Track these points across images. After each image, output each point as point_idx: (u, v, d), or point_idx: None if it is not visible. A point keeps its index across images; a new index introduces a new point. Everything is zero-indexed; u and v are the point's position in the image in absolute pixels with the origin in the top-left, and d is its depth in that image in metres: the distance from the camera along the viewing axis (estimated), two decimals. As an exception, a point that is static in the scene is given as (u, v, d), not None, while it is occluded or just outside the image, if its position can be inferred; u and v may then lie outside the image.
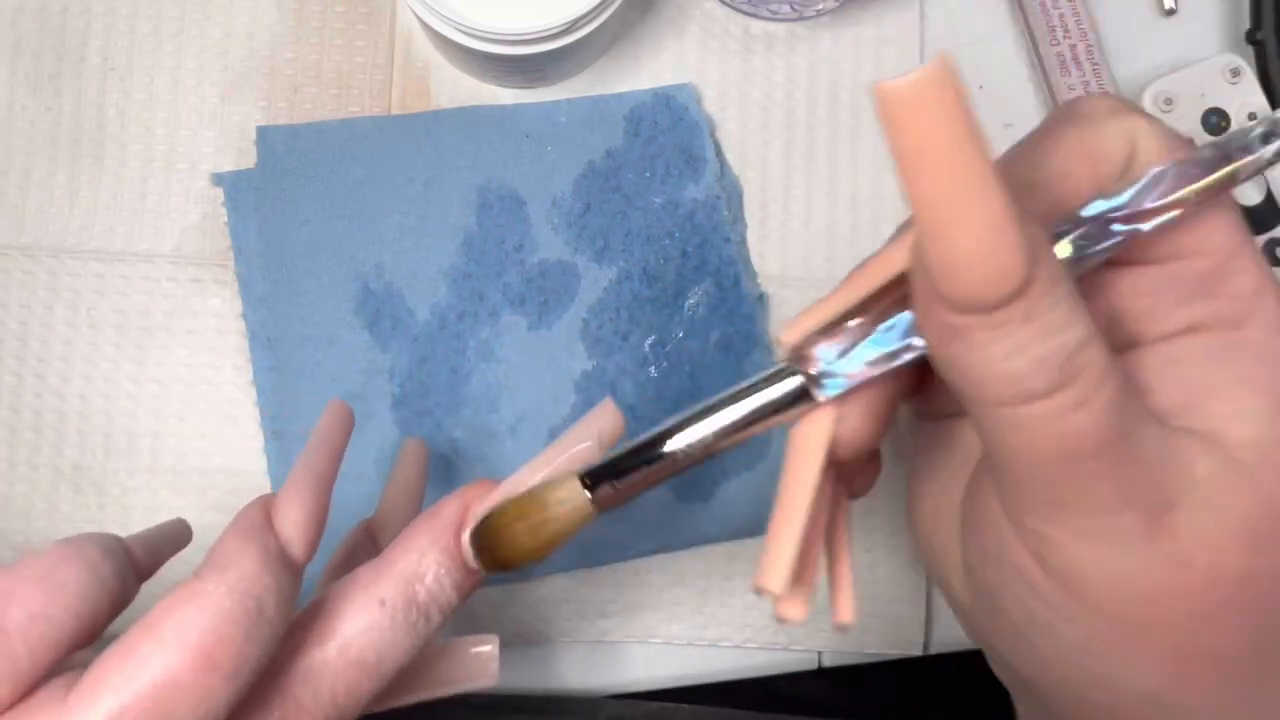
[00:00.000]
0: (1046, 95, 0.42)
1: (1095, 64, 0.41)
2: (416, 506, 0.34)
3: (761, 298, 0.41)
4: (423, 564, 0.25)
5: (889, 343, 0.23)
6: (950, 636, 0.40)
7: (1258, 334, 0.22)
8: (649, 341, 0.40)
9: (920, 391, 0.27)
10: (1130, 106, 0.23)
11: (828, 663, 0.40)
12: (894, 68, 0.42)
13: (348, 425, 0.29)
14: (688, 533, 0.39)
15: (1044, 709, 0.26)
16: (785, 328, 0.23)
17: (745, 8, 0.42)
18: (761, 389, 0.24)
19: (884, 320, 0.23)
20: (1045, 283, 0.19)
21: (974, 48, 0.43)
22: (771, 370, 0.24)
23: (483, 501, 0.26)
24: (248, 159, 0.40)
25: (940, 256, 0.19)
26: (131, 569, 0.26)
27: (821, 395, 0.23)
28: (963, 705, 0.52)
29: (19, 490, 0.39)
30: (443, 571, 0.25)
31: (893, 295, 0.22)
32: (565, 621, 0.39)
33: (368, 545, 0.33)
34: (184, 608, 0.22)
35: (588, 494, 0.25)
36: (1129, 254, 0.22)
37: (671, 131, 0.41)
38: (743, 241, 0.41)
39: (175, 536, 0.29)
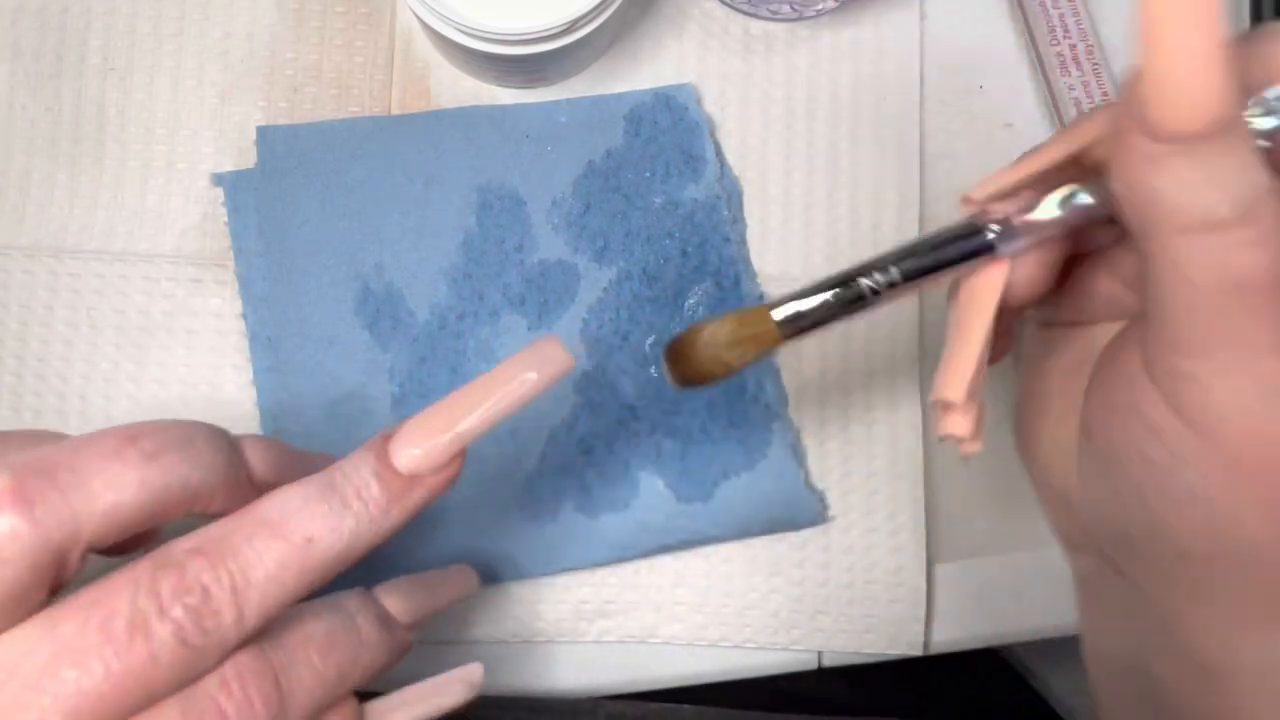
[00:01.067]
0: (1046, 95, 0.42)
1: (1095, 64, 0.41)
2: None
3: (761, 298, 0.41)
4: (347, 467, 0.27)
5: (1059, 207, 0.26)
6: (950, 636, 0.40)
7: None
8: (649, 341, 0.40)
9: (1049, 298, 0.29)
10: None
11: (828, 663, 0.40)
12: (894, 68, 0.42)
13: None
14: (688, 533, 0.39)
15: (1117, 585, 0.27)
16: (975, 187, 0.26)
17: (745, 8, 0.42)
18: (951, 240, 0.27)
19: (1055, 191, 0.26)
20: (1241, 127, 0.21)
21: (974, 48, 0.43)
22: (957, 226, 0.27)
23: (409, 419, 0.27)
24: (248, 159, 0.40)
25: (1161, 79, 0.20)
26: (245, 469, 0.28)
27: (1005, 248, 0.26)
28: (963, 705, 0.52)
29: (19, 490, 0.39)
30: (367, 472, 0.26)
31: (1066, 175, 0.26)
32: (565, 621, 0.39)
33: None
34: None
35: (774, 321, 0.28)
36: None
37: (671, 131, 0.41)
38: (743, 241, 0.41)
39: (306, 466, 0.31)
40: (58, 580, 0.25)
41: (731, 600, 0.40)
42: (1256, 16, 0.42)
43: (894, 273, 0.27)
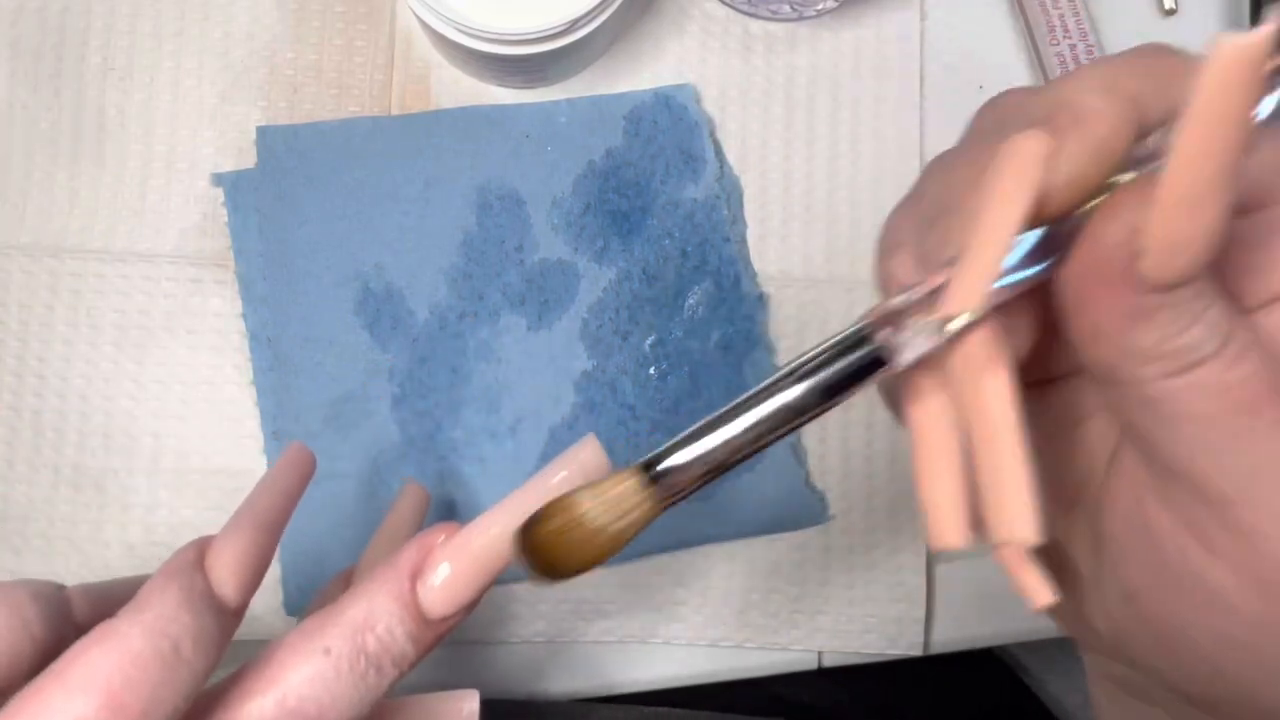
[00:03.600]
0: (1046, 95, 0.42)
1: (1095, 64, 0.41)
2: None
3: (761, 298, 0.41)
4: (373, 612, 0.24)
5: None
6: (950, 636, 0.40)
7: None
8: (649, 341, 0.40)
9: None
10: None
11: (827, 663, 0.40)
12: (894, 68, 0.42)
13: (304, 468, 0.27)
14: (688, 533, 0.39)
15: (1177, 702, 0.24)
16: (964, 298, 0.20)
17: (745, 8, 0.42)
18: (839, 355, 0.22)
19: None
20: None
21: (974, 48, 0.43)
22: (848, 334, 0.22)
23: (443, 546, 0.24)
24: (248, 159, 0.40)
25: (1180, 234, 0.18)
26: (69, 620, 0.25)
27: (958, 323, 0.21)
28: (963, 705, 0.52)
29: (19, 490, 0.39)
30: (395, 621, 0.24)
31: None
32: (565, 621, 0.39)
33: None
34: (93, 650, 0.21)
35: (650, 488, 0.23)
36: None
37: (671, 131, 0.41)
38: (743, 241, 0.41)
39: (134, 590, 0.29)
40: None
41: (731, 600, 0.40)
42: (1256, 16, 0.42)
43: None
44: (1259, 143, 0.21)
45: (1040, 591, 0.22)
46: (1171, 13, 0.43)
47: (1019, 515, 0.21)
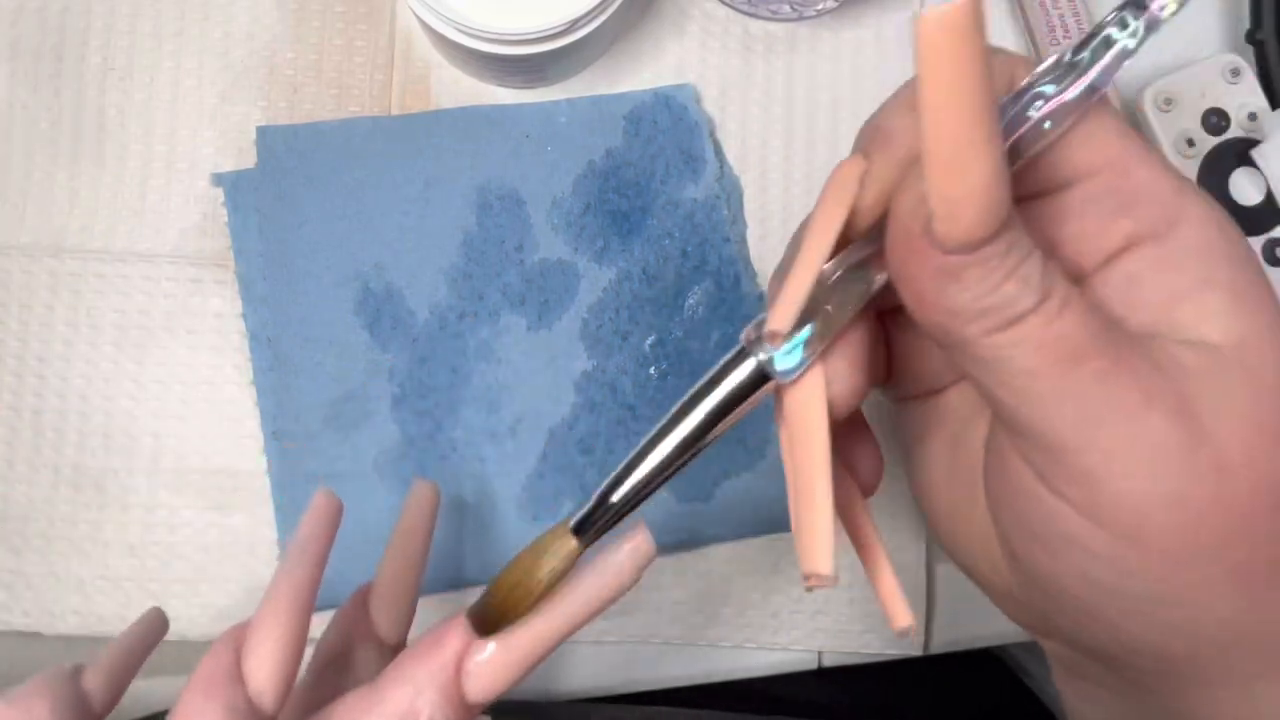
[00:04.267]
0: (1046, 95, 0.42)
1: (1095, 64, 0.41)
2: (416, 579, 0.32)
3: (761, 298, 0.41)
4: (418, 703, 0.24)
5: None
6: (950, 636, 0.40)
7: (1191, 231, 0.22)
8: (649, 341, 0.40)
9: (891, 376, 0.27)
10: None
11: (827, 663, 0.40)
12: (894, 67, 0.42)
13: (335, 519, 0.27)
14: (688, 533, 0.39)
15: (1096, 672, 0.26)
16: (777, 319, 0.23)
17: (745, 8, 0.42)
18: (724, 375, 0.24)
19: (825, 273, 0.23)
20: (1014, 214, 0.20)
21: (974, 48, 0.43)
22: (729, 357, 0.24)
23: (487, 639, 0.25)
24: (248, 159, 0.40)
25: (951, 195, 0.20)
26: (89, 715, 0.25)
27: (791, 364, 0.23)
28: (963, 705, 0.52)
29: (19, 490, 0.39)
30: (439, 713, 0.24)
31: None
32: (565, 621, 0.39)
33: (363, 624, 0.31)
34: None
35: (574, 542, 0.25)
36: (1037, 183, 0.23)
37: (671, 131, 0.41)
38: (743, 241, 0.41)
39: (144, 647, 0.28)
40: None
41: (731, 600, 0.40)
42: (1256, 16, 0.42)
43: (667, 453, 0.24)
44: (1072, 122, 0.22)
45: (899, 614, 0.24)
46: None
47: (817, 550, 0.22)
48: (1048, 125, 0.22)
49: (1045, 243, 0.23)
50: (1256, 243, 0.40)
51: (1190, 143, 0.40)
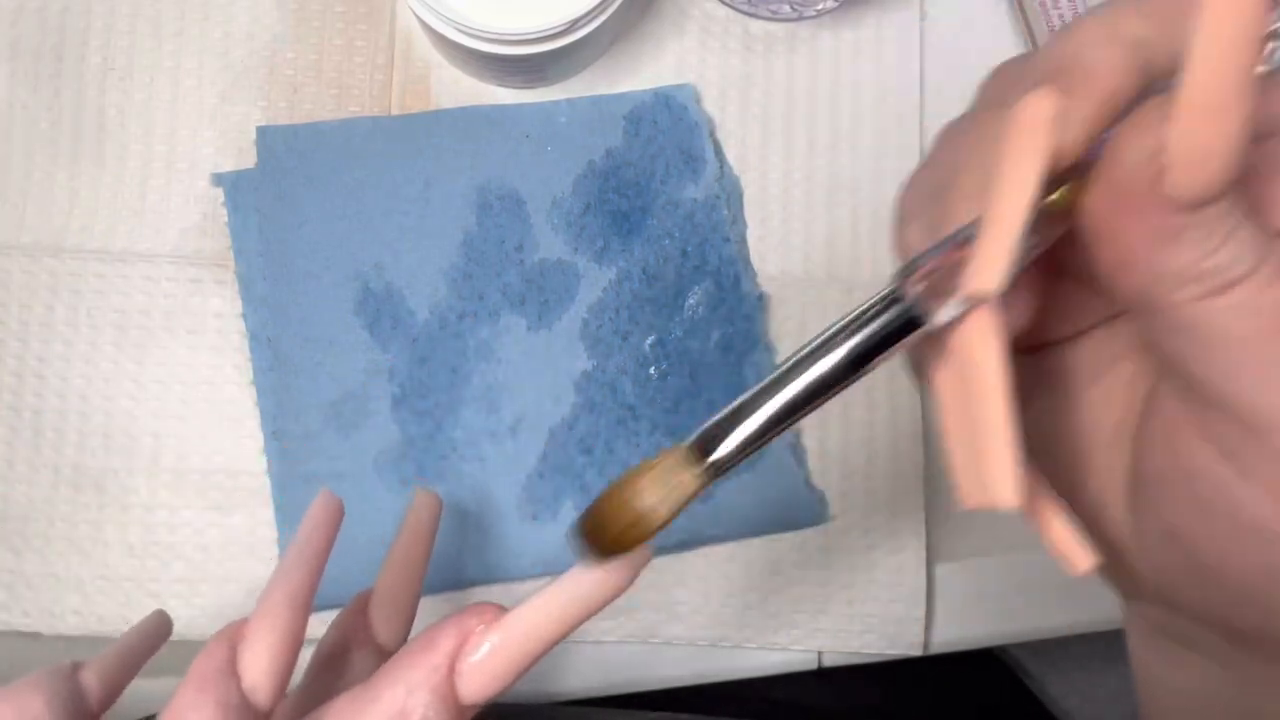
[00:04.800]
0: (1046, 95, 0.42)
1: (1095, 64, 0.41)
2: (417, 585, 0.32)
3: (761, 298, 0.41)
4: (409, 703, 0.23)
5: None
6: (950, 636, 0.40)
7: None
8: (649, 341, 0.40)
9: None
10: None
11: (827, 663, 0.40)
12: (894, 68, 0.42)
13: (335, 520, 0.27)
14: (688, 533, 0.39)
15: (1214, 640, 0.24)
16: (984, 278, 0.20)
17: (745, 8, 0.42)
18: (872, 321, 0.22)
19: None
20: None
21: (974, 48, 0.43)
22: (874, 303, 0.22)
23: (483, 633, 0.24)
24: (248, 159, 0.40)
25: (1205, 144, 0.18)
26: (86, 714, 0.25)
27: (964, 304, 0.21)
28: (963, 705, 0.52)
29: (19, 490, 0.39)
30: (431, 713, 0.23)
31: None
32: (565, 621, 0.39)
33: (361, 628, 0.31)
34: None
35: (696, 469, 0.23)
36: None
37: (671, 131, 0.41)
38: (743, 241, 0.41)
39: (146, 648, 0.28)
40: None
41: (731, 600, 0.40)
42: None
43: (837, 361, 0.22)
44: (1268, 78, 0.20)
45: (1078, 556, 0.22)
46: (1171, 13, 0.43)
47: (999, 480, 0.21)
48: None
49: (1249, 202, 0.21)
50: None
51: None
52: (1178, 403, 0.22)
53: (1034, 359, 0.25)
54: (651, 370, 0.39)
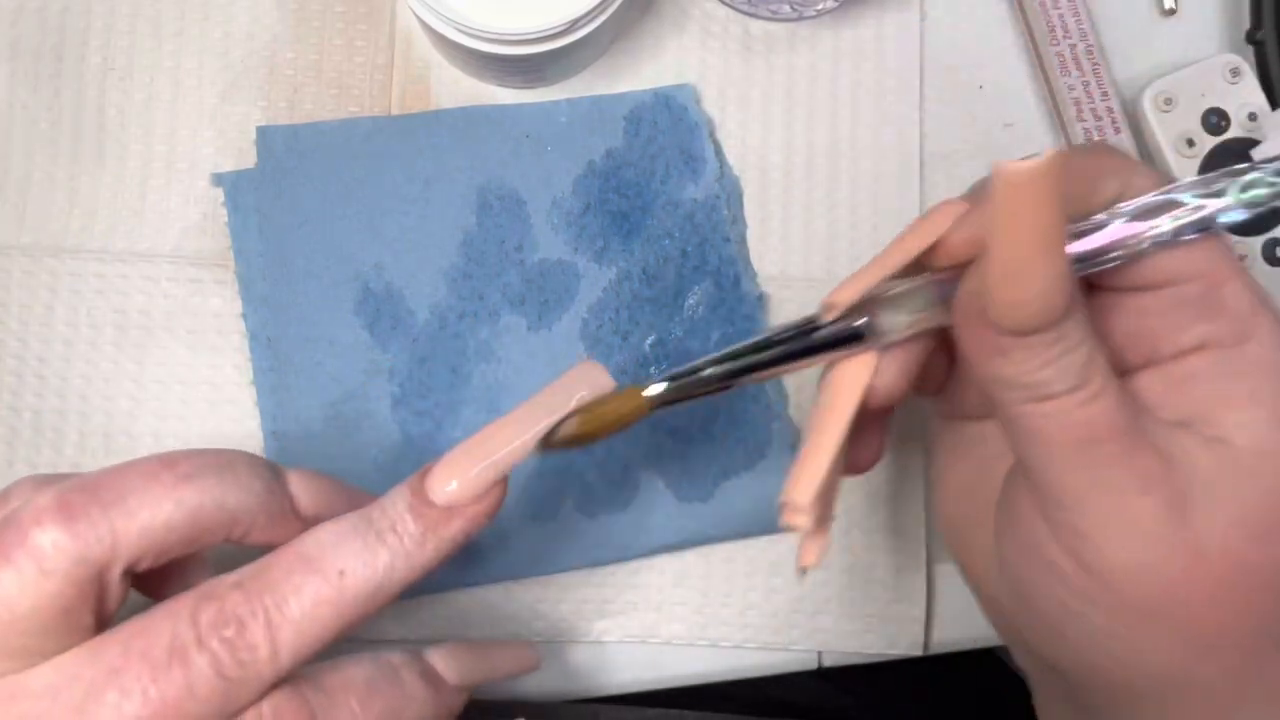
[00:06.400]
0: (1046, 95, 0.42)
1: (1095, 64, 0.41)
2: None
3: (761, 298, 0.41)
4: (382, 497, 0.27)
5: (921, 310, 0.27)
6: (950, 636, 0.40)
7: (1259, 349, 0.25)
8: (649, 341, 0.40)
9: (944, 392, 0.30)
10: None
11: (828, 663, 0.40)
12: (894, 68, 0.42)
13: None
14: (688, 533, 0.39)
15: (1062, 689, 0.29)
16: (839, 290, 0.27)
17: (745, 8, 0.42)
18: (816, 334, 0.27)
19: (911, 288, 0.27)
20: (1073, 312, 0.24)
21: (974, 48, 0.43)
22: (804, 321, 0.27)
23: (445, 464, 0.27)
24: (248, 159, 0.40)
25: (1010, 296, 0.23)
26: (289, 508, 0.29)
27: (874, 342, 0.27)
28: (963, 705, 0.52)
29: (19, 490, 0.39)
30: (396, 495, 0.27)
31: (918, 268, 0.27)
32: (565, 621, 0.39)
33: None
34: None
35: (644, 395, 0.28)
36: (1132, 280, 0.26)
37: (671, 131, 0.41)
38: (743, 241, 0.41)
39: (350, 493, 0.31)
40: (102, 604, 0.25)
41: (731, 600, 0.40)
42: (1256, 16, 0.42)
43: (762, 362, 0.27)
44: (1169, 245, 0.25)
45: (808, 555, 0.28)
46: (1171, 13, 0.43)
47: (805, 481, 0.26)
48: (1167, 238, 0.25)
49: (1127, 329, 0.26)
50: (1256, 242, 0.40)
51: (1190, 143, 0.40)
52: (1020, 472, 0.27)
53: (963, 425, 0.31)
54: (651, 370, 0.39)
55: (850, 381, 0.27)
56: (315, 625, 0.25)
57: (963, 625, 0.40)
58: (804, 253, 0.41)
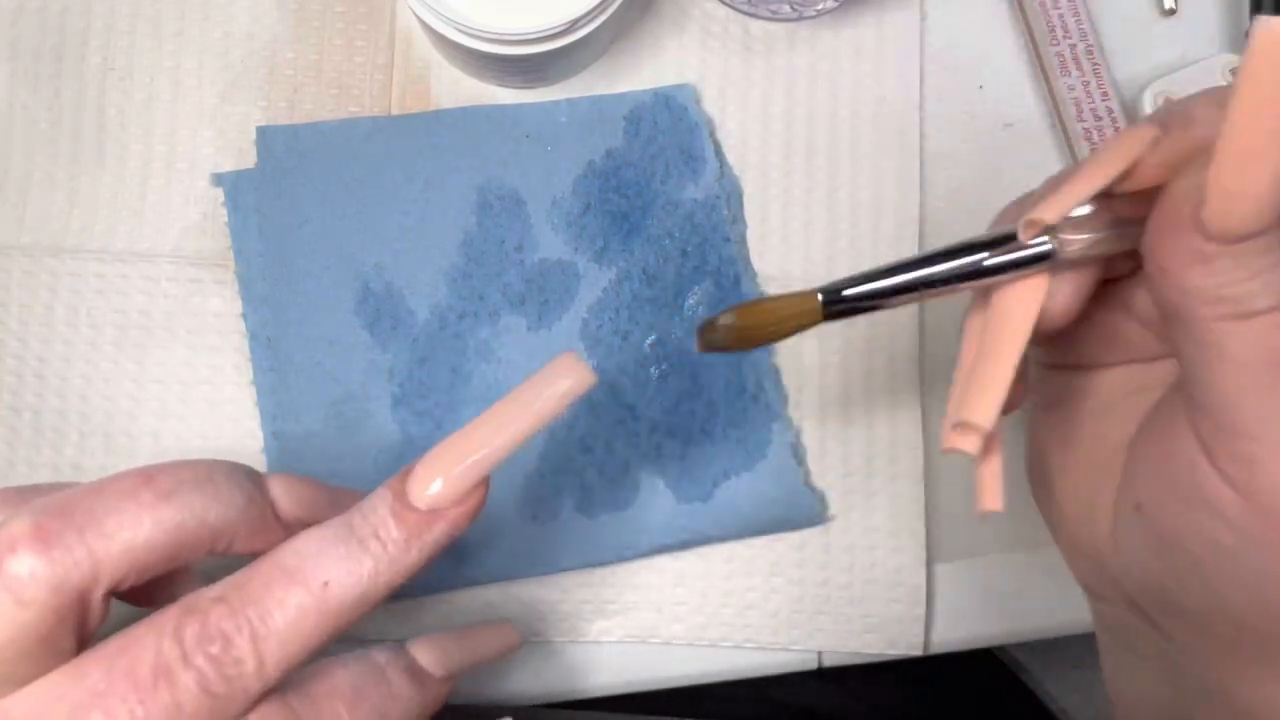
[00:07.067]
0: (1046, 95, 0.42)
1: (1095, 64, 0.41)
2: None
3: (760, 298, 0.41)
4: (362, 501, 0.27)
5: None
6: (950, 636, 0.40)
7: None
8: (649, 341, 0.40)
9: (1055, 341, 0.29)
10: None
11: (828, 663, 0.40)
12: (894, 68, 0.42)
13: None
14: (688, 533, 0.39)
15: (1158, 625, 0.27)
16: (1041, 208, 0.25)
17: (745, 8, 0.42)
18: (1005, 248, 0.26)
19: (1091, 211, 0.26)
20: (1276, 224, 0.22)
21: (974, 48, 0.43)
22: (1001, 234, 0.26)
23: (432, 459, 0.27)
24: (248, 159, 0.40)
25: (1232, 189, 0.22)
26: (273, 521, 0.28)
27: (1060, 256, 0.26)
28: (963, 705, 0.52)
29: (19, 490, 0.39)
30: (378, 500, 0.26)
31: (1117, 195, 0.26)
32: (565, 621, 0.39)
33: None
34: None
35: (819, 299, 0.27)
36: None
37: (671, 131, 0.41)
38: (743, 241, 0.41)
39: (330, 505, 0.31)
40: (83, 626, 0.25)
41: (731, 600, 0.40)
42: (1256, 14, 0.42)
43: (951, 270, 0.27)
44: None
45: (992, 496, 0.27)
46: (1171, 13, 0.43)
47: (986, 400, 0.25)
48: None
49: None
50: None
51: (1190, 143, 0.40)
52: (1176, 398, 0.25)
53: (1071, 375, 0.30)
54: (652, 370, 0.39)
55: (1025, 304, 0.26)
56: (300, 636, 0.25)
57: (963, 625, 0.40)
58: (804, 253, 0.41)
